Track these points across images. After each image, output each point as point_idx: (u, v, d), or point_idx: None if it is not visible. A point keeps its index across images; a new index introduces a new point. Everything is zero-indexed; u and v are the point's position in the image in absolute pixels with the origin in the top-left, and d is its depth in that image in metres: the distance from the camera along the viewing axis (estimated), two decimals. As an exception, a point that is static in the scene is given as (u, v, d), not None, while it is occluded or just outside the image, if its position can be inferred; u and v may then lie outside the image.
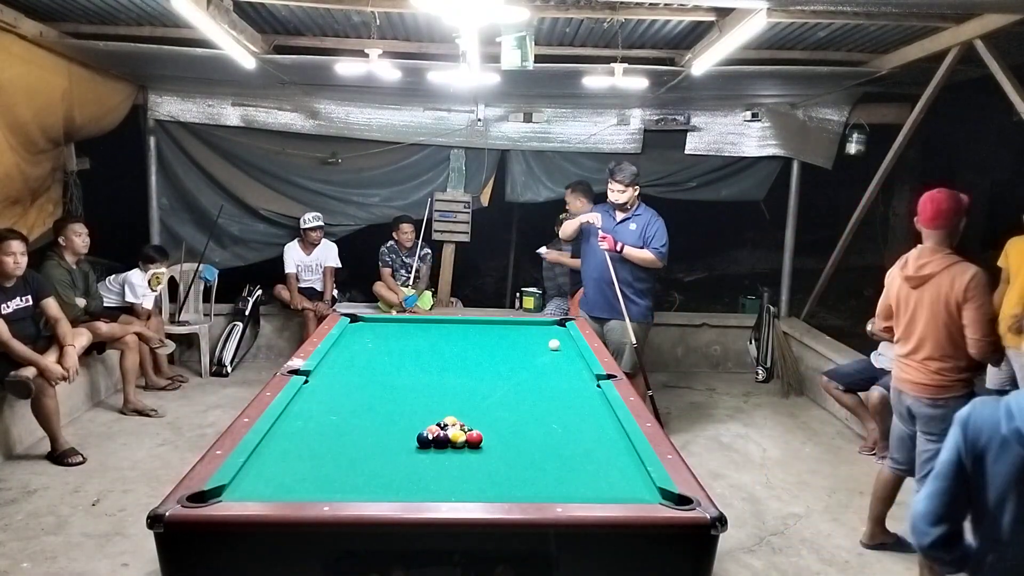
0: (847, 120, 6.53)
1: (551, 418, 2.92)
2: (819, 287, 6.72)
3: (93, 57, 5.24)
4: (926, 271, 3.24)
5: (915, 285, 3.28)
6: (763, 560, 3.55)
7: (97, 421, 5.09)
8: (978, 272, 3.16)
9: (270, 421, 2.68)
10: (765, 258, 9.04)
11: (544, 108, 6.76)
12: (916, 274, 3.26)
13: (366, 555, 2.07)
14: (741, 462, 4.77)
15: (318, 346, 3.75)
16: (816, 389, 5.82)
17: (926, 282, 3.24)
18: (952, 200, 3.21)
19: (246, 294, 6.66)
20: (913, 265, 3.28)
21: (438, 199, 6.93)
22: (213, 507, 2.03)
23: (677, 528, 2.05)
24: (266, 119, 6.67)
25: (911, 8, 3.97)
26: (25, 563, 3.31)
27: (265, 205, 6.86)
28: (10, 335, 4.23)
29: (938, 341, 3.24)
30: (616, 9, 4.19)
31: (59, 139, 5.41)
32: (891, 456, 3.63)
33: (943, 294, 3.18)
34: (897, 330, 3.43)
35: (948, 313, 3.18)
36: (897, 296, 3.39)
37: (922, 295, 3.26)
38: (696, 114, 6.77)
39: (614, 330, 4.87)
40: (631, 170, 4.79)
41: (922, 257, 3.27)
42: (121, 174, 6.67)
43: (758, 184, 7.00)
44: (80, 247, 5.15)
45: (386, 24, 4.73)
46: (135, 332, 5.33)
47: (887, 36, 4.74)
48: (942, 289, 3.18)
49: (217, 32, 4.06)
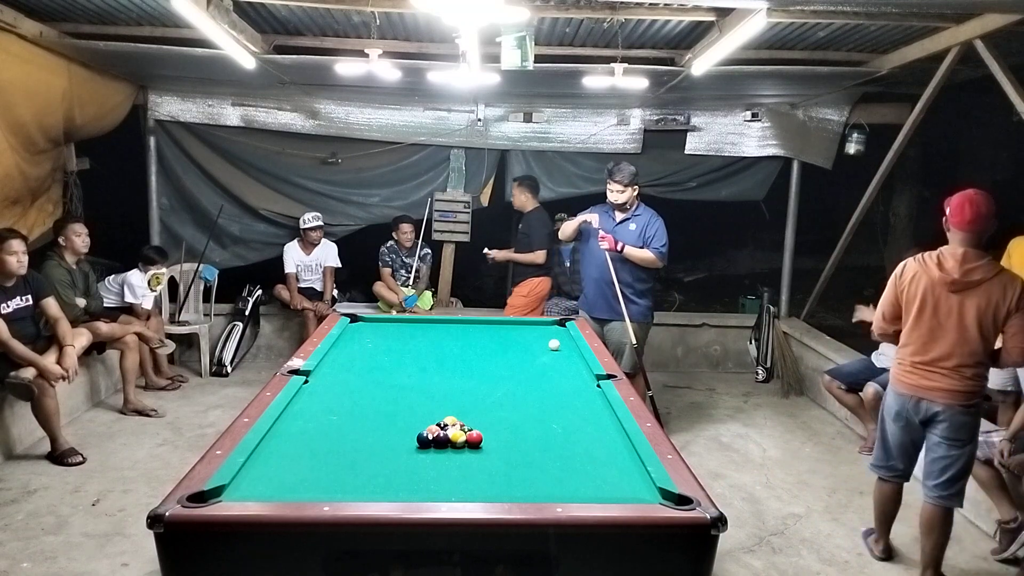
0: (847, 120, 6.54)
1: (551, 418, 2.92)
2: (819, 287, 6.72)
3: (93, 57, 5.24)
4: (976, 276, 3.09)
5: (959, 289, 3.11)
6: (763, 560, 3.55)
7: (97, 421, 5.09)
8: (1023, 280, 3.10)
9: (270, 421, 2.68)
10: (765, 258, 9.05)
11: (544, 108, 6.77)
12: (963, 279, 3.10)
13: (366, 555, 2.07)
14: (741, 462, 4.77)
15: (318, 346, 3.75)
16: (816, 389, 5.82)
17: (973, 287, 3.09)
18: (990, 203, 3.10)
19: (246, 294, 6.66)
20: (958, 269, 3.10)
21: (438, 199, 6.93)
22: (213, 507, 2.03)
23: (677, 528, 2.05)
24: (266, 119, 6.68)
25: (911, 8, 3.98)
26: (25, 563, 3.31)
27: (265, 205, 6.86)
28: (10, 335, 4.23)
29: (973, 348, 3.12)
30: (616, 9, 4.19)
31: (59, 139, 5.41)
32: (890, 464, 3.46)
33: (994, 301, 3.06)
34: (913, 332, 3.24)
35: (994, 320, 3.09)
36: (923, 298, 3.18)
37: (964, 300, 3.11)
38: (696, 114, 6.78)
39: (614, 330, 4.87)
40: (630, 170, 4.79)
41: (967, 262, 3.10)
42: (121, 174, 6.68)
43: (758, 184, 7.01)
44: (80, 247, 5.15)
45: (386, 24, 4.73)
46: (135, 332, 5.33)
47: (887, 36, 4.74)
48: (993, 296, 3.07)
49: (217, 32, 4.06)
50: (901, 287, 3.28)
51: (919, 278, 3.21)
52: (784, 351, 6.48)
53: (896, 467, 3.45)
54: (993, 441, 3.58)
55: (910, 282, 3.24)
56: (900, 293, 3.29)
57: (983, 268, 3.10)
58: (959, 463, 3.22)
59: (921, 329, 3.21)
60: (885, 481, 3.52)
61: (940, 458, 3.23)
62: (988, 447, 3.57)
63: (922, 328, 3.21)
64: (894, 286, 3.32)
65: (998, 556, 3.57)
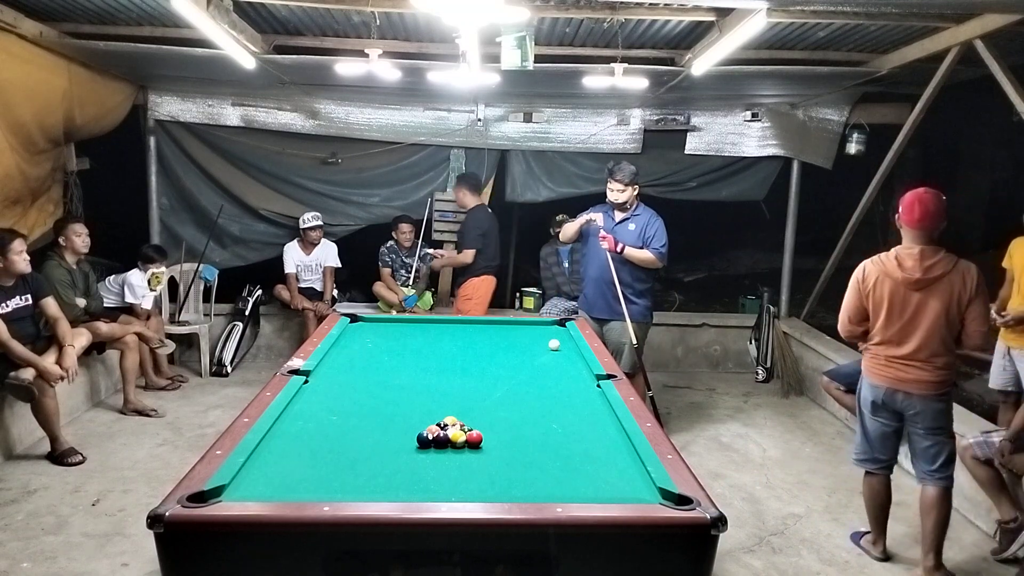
0: (847, 120, 6.54)
1: (551, 418, 2.92)
2: (819, 287, 6.72)
3: (93, 57, 5.24)
4: (936, 272, 3.24)
5: (922, 287, 3.26)
6: (763, 560, 3.55)
7: (97, 421, 5.09)
8: (976, 267, 3.27)
9: (270, 421, 2.68)
10: (765, 258, 9.03)
11: (544, 108, 6.77)
12: (925, 276, 3.24)
13: (366, 555, 2.06)
14: (741, 462, 4.77)
15: (318, 346, 3.75)
16: (816, 389, 5.82)
17: (935, 283, 3.25)
18: (939, 200, 3.26)
19: (246, 294, 6.66)
20: (919, 268, 3.25)
21: (438, 199, 6.93)
22: (213, 507, 2.03)
23: (677, 528, 2.05)
24: (266, 119, 6.68)
25: (911, 8, 3.98)
26: (25, 563, 3.31)
27: (265, 205, 6.86)
28: (9, 335, 4.23)
29: (942, 338, 3.29)
30: (616, 9, 4.19)
31: (59, 139, 5.41)
32: (873, 456, 3.54)
33: (956, 292, 3.23)
34: (886, 331, 3.36)
35: (958, 310, 3.25)
36: (890, 300, 3.32)
37: (928, 297, 3.26)
38: (696, 114, 6.78)
39: (613, 330, 4.88)
40: (630, 170, 4.79)
41: (926, 259, 3.25)
42: (121, 174, 6.68)
43: (758, 184, 7.00)
44: (81, 247, 5.15)
45: (386, 24, 4.73)
46: (135, 332, 5.33)
47: (887, 36, 4.74)
48: (955, 288, 3.23)
49: (217, 32, 4.06)
50: (866, 291, 3.40)
51: (882, 280, 3.35)
52: (784, 351, 6.48)
53: (879, 458, 3.54)
54: (993, 441, 3.59)
55: (874, 285, 3.37)
56: (866, 297, 3.40)
57: (942, 263, 3.25)
58: (947, 448, 3.39)
59: (892, 328, 3.35)
60: (872, 475, 3.58)
61: (928, 447, 3.38)
62: (988, 447, 3.58)
63: (893, 327, 3.35)
64: (858, 290, 3.44)
65: (998, 556, 3.58)
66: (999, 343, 4.36)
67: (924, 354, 3.31)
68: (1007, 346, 4.29)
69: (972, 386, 5.45)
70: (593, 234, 4.83)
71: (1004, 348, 4.31)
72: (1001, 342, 4.34)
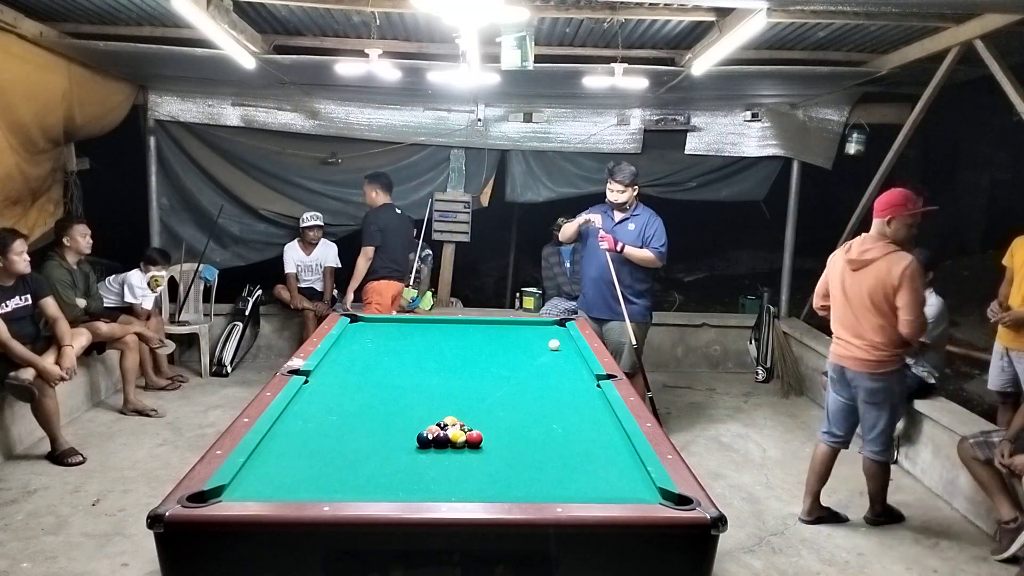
0: (847, 120, 6.54)
1: (551, 418, 2.92)
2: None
3: (93, 57, 5.24)
4: (868, 256, 3.55)
5: (856, 268, 3.58)
6: (763, 560, 3.55)
7: (97, 421, 5.09)
8: (913, 261, 3.47)
9: (270, 421, 2.68)
10: (765, 258, 9.04)
11: (544, 108, 6.77)
12: (859, 258, 3.57)
13: (366, 555, 2.06)
14: (741, 462, 4.77)
15: (318, 346, 3.75)
16: (816, 389, 5.82)
17: (866, 266, 3.54)
18: (901, 197, 3.53)
19: (246, 294, 6.66)
20: (857, 250, 3.59)
21: (438, 199, 6.93)
22: (213, 507, 2.03)
23: (677, 528, 2.04)
24: (266, 119, 6.68)
25: (911, 8, 3.98)
26: (25, 563, 3.31)
27: (265, 205, 6.86)
28: (9, 335, 4.23)
29: (874, 322, 3.55)
30: (616, 9, 4.19)
31: (59, 139, 5.41)
32: (830, 431, 3.89)
33: (881, 278, 3.49)
34: (835, 310, 3.72)
35: (884, 296, 3.49)
36: (840, 280, 3.66)
37: (862, 279, 3.56)
38: (696, 114, 6.78)
39: (613, 330, 4.88)
40: (630, 170, 4.79)
41: (865, 244, 3.59)
42: (121, 174, 6.68)
43: (758, 184, 7.00)
44: (84, 248, 5.15)
45: (386, 24, 4.73)
46: (135, 332, 5.33)
47: (887, 36, 4.74)
48: (880, 273, 3.50)
49: (217, 32, 4.06)
50: (828, 268, 3.81)
51: (836, 261, 3.74)
52: (784, 351, 6.48)
53: (834, 432, 3.89)
54: (993, 441, 3.60)
55: (830, 265, 3.79)
56: (826, 276, 3.82)
57: (877, 248, 3.54)
58: (881, 422, 3.68)
59: (837, 306, 3.72)
60: (823, 445, 3.92)
61: (864, 418, 3.73)
62: (988, 447, 3.59)
63: (838, 305, 3.72)
64: (826, 269, 3.85)
65: (998, 556, 3.58)
66: (996, 345, 4.36)
67: (858, 334, 3.60)
68: (1005, 347, 4.29)
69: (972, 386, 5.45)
70: (592, 235, 4.83)
71: (1002, 349, 4.31)
72: (999, 343, 4.34)
